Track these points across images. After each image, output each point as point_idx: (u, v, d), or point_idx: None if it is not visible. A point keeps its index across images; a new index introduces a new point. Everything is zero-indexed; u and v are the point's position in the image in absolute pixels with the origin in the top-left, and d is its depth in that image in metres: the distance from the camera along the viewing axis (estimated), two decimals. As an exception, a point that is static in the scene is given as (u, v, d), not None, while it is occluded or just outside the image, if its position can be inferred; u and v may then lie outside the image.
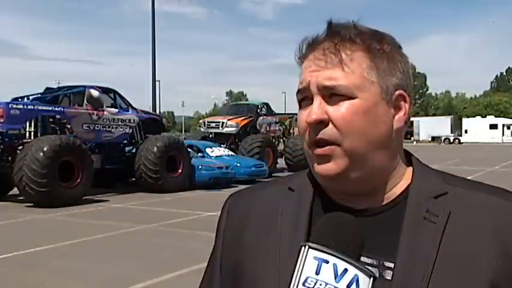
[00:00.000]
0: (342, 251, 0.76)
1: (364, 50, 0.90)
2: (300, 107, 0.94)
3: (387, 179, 0.93)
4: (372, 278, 0.75)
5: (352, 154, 0.88)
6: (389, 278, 0.85)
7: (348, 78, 0.88)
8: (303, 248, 0.76)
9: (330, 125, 0.88)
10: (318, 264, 0.74)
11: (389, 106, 0.91)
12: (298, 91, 0.93)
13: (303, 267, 0.74)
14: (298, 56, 0.96)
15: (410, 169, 0.95)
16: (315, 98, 0.90)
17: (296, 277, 0.74)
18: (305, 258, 0.75)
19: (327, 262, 0.74)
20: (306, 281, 0.74)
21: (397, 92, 0.91)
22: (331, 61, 0.89)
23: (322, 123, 0.88)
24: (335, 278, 0.73)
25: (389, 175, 0.93)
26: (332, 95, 0.89)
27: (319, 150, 0.89)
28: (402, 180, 0.94)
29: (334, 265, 0.74)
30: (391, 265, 0.85)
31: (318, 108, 0.89)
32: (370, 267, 0.84)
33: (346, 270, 0.74)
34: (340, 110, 0.88)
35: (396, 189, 0.93)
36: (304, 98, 0.92)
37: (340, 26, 0.93)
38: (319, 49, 0.91)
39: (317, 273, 0.73)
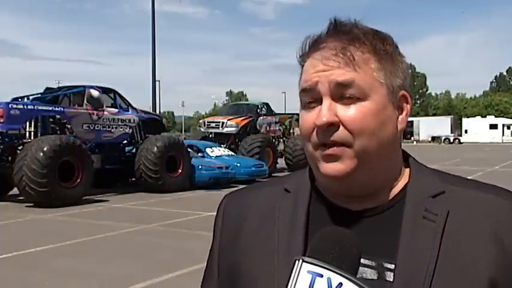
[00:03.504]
0: (338, 265, 0.74)
1: (371, 51, 0.88)
2: (303, 107, 0.91)
3: (389, 180, 0.92)
4: None
5: (362, 155, 0.87)
6: (390, 279, 0.83)
7: (360, 79, 0.86)
8: (296, 261, 0.75)
9: (341, 127, 0.86)
10: (311, 278, 0.73)
11: (395, 107, 0.90)
12: (303, 90, 0.90)
13: (296, 281, 0.73)
14: (300, 54, 0.93)
15: (407, 169, 0.95)
16: (324, 99, 0.87)
17: None
18: (299, 272, 0.74)
19: (321, 276, 0.73)
20: None
21: (400, 93, 0.91)
22: (342, 61, 0.87)
23: (332, 126, 0.86)
24: None
25: (392, 176, 0.92)
26: (342, 96, 0.87)
27: (329, 150, 0.87)
28: (400, 180, 0.93)
29: (329, 279, 0.73)
30: (392, 266, 0.84)
31: (328, 110, 0.86)
32: (368, 269, 0.84)
33: (340, 284, 0.72)
34: (352, 112, 0.86)
35: (394, 190, 0.92)
36: (311, 99, 0.89)
37: (345, 25, 0.90)
38: (327, 48, 0.88)
39: (310, 287, 0.72)
